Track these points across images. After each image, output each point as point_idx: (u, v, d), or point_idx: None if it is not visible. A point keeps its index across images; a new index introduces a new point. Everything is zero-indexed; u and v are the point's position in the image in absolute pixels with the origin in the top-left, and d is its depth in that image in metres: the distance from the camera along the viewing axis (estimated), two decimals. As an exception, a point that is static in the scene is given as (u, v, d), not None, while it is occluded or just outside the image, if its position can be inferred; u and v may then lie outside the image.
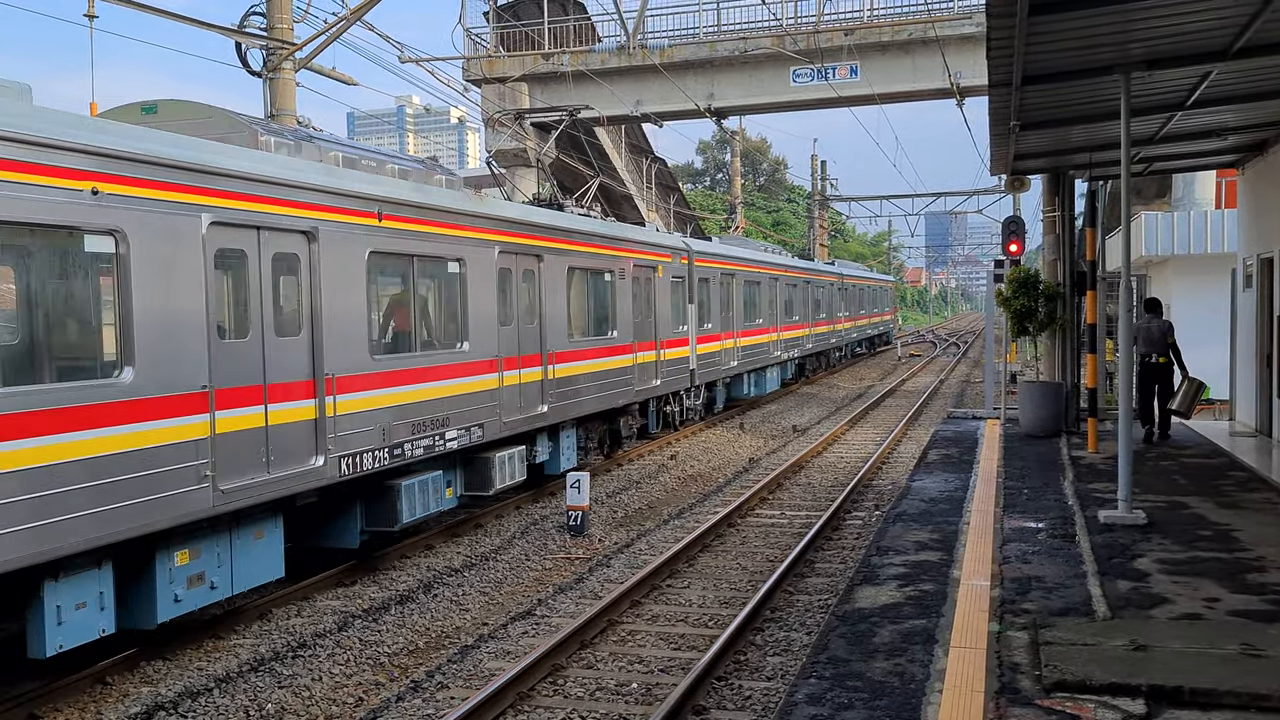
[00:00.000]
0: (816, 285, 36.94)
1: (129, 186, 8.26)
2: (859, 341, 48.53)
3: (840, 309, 41.48)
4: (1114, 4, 8.10)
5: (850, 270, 47.55)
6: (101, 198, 7.97)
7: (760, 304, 28.67)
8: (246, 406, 9.45)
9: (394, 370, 11.62)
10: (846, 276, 43.85)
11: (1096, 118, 12.31)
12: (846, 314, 43.13)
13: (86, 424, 7.79)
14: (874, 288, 53.80)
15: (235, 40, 17.01)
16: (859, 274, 49.46)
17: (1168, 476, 12.52)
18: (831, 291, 39.88)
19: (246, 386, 9.45)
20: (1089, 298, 14.83)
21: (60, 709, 8.13)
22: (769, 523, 14.51)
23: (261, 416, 9.61)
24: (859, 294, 47.58)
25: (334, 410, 10.50)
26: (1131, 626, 6.86)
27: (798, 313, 33.54)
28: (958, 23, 28.65)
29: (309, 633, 9.79)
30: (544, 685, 8.45)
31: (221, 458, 9.01)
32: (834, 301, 40.14)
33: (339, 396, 10.61)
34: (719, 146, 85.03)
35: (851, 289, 44.96)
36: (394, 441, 11.52)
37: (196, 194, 8.92)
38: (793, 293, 33.09)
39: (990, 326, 22.42)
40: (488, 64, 32.05)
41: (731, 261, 26.09)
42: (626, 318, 18.77)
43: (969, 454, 15.07)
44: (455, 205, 13.04)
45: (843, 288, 42.42)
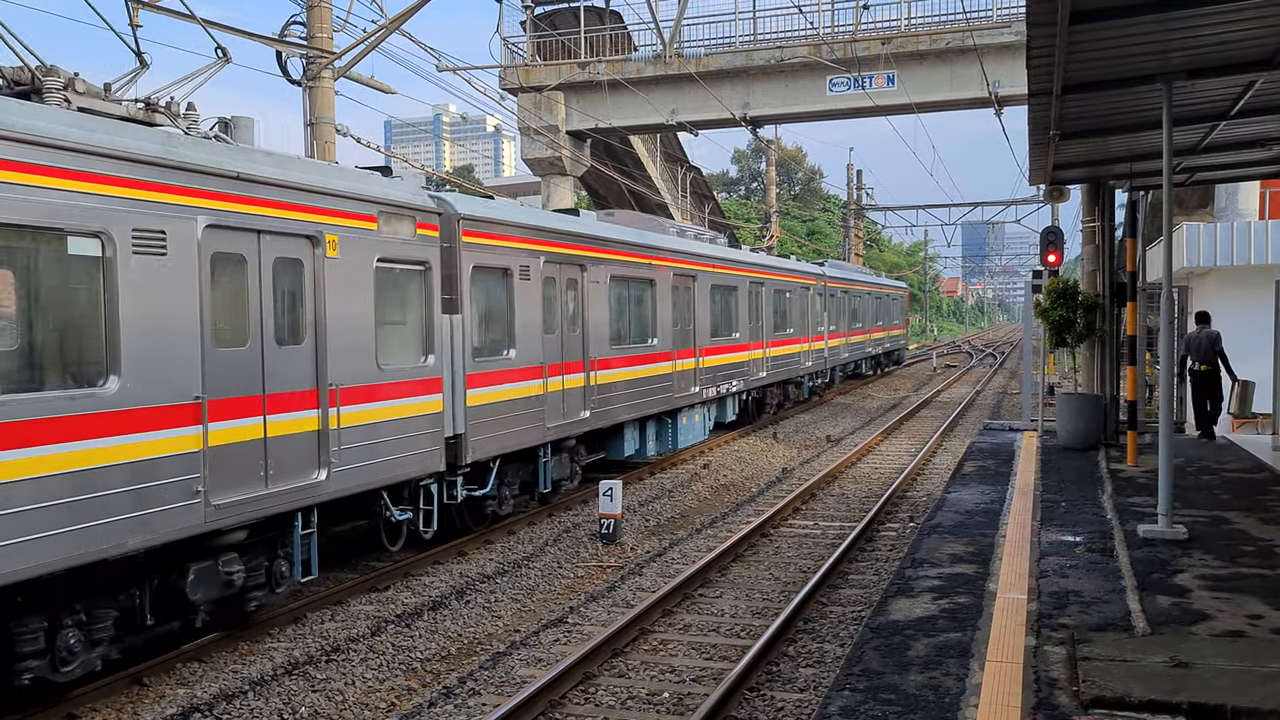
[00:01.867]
0: (774, 289, 26.71)
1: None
2: (854, 362, 38.96)
3: (818, 321, 31.63)
4: (1156, 13, 8.01)
5: (840, 271, 36.62)
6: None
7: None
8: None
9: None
10: (830, 279, 33.60)
11: (1137, 127, 12.17)
12: (834, 327, 33.78)
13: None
14: (877, 295, 43.05)
15: (276, 49, 17.21)
16: (853, 276, 38.69)
17: (1209, 491, 12.33)
18: (802, 299, 29.72)
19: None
20: (1129, 309, 14.64)
21: (98, 709, 8.23)
22: (802, 533, 14.43)
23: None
24: (855, 303, 37.74)
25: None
26: (1172, 643, 6.75)
27: (737, 328, 23.33)
28: (996, 31, 28.46)
29: (342, 637, 9.85)
30: (575, 693, 8.45)
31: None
32: (801, 311, 29.50)
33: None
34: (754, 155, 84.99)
35: (842, 296, 35.28)
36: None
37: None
38: (730, 299, 23.07)
39: (1028, 337, 22.18)
40: (524, 73, 32.21)
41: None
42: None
43: (1005, 466, 14.92)
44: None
45: (826, 294, 32.70)
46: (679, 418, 19.61)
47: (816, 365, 31.27)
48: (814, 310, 30.93)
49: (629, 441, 17.86)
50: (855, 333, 37.60)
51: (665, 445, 19.49)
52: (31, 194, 7.29)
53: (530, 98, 32.22)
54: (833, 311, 33.45)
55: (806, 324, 29.90)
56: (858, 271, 41.90)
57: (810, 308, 30.48)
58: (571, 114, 32.49)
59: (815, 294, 31.24)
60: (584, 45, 32.16)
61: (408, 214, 11.49)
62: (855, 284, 37.97)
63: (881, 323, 44.02)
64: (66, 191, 7.57)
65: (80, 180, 7.69)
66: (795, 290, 28.97)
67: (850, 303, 36.51)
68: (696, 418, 20.75)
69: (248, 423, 9.16)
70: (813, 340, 30.61)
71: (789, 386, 29.12)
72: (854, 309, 37.35)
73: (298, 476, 9.75)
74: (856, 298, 37.87)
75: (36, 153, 7.36)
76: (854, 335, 37.36)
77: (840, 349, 34.82)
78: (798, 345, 29.15)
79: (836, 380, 35.74)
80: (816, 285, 31.58)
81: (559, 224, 15.47)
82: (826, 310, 32.47)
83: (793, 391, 29.56)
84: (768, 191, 56.38)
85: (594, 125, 32.09)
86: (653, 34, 31.45)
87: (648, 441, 18.83)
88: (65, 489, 7.45)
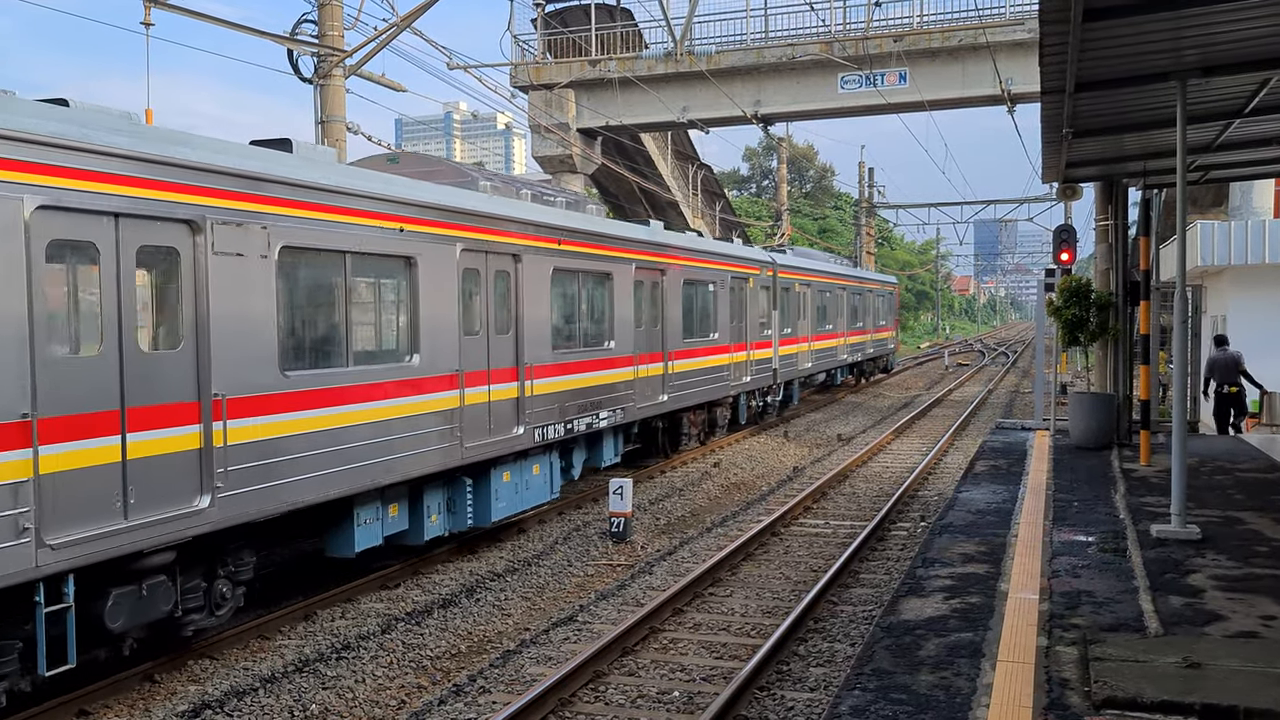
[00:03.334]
0: (685, 279, 19.54)
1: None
2: (827, 373, 32.97)
3: (764, 323, 24.64)
4: (1169, 10, 7.96)
5: (801, 261, 29.45)
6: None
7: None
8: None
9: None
10: (785, 269, 26.35)
11: (1151, 125, 12.10)
12: (790, 330, 26.73)
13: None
14: (856, 291, 35.60)
15: (287, 47, 17.24)
16: (819, 267, 31.22)
17: (1223, 491, 12.26)
18: (735, 294, 22.36)
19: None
20: (1142, 308, 14.57)
21: (110, 706, 8.26)
22: (813, 532, 14.41)
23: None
24: (823, 300, 30.75)
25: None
26: (1185, 644, 6.71)
27: (611, 336, 16.38)
28: (1009, 28, 28.35)
29: (353, 634, 9.86)
30: (585, 691, 8.44)
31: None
32: (734, 310, 22.31)
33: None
34: (766, 153, 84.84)
35: (802, 291, 28.17)
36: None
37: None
38: (599, 294, 16.30)
39: (1040, 336, 22.06)
40: (534, 70, 32.21)
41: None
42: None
43: (1017, 465, 14.86)
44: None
45: (778, 287, 25.69)
46: (492, 477, 12.93)
47: (760, 380, 24.03)
48: (757, 309, 23.88)
49: (365, 529, 10.91)
50: (824, 336, 30.68)
51: (459, 522, 12.55)
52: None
53: (541, 95, 32.23)
54: (790, 310, 26.57)
55: (743, 327, 22.71)
56: (826, 261, 34.46)
57: (749, 306, 23.18)
58: (582, 111, 32.48)
59: (760, 287, 24.12)
60: (595, 43, 32.15)
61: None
62: (823, 277, 30.70)
63: (862, 324, 36.52)
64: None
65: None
66: (722, 282, 21.29)
67: (816, 300, 29.64)
68: (535, 471, 14.11)
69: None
70: (754, 347, 23.35)
71: (717, 410, 21.95)
72: (822, 307, 30.37)
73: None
74: (825, 293, 30.81)
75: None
76: (822, 339, 30.31)
77: (800, 357, 27.77)
78: (725, 355, 21.44)
79: (795, 396, 28.84)
80: (761, 276, 24.24)
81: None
82: (779, 309, 25.49)
83: (722, 415, 22.28)
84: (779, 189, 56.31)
85: (605, 123, 32.08)
86: (664, 31, 31.43)
87: (426, 519, 11.84)
88: None
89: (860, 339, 36.33)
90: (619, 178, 36.47)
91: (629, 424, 17.35)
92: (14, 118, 7.12)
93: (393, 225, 10.89)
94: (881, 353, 40.44)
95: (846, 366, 35.41)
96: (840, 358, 33.24)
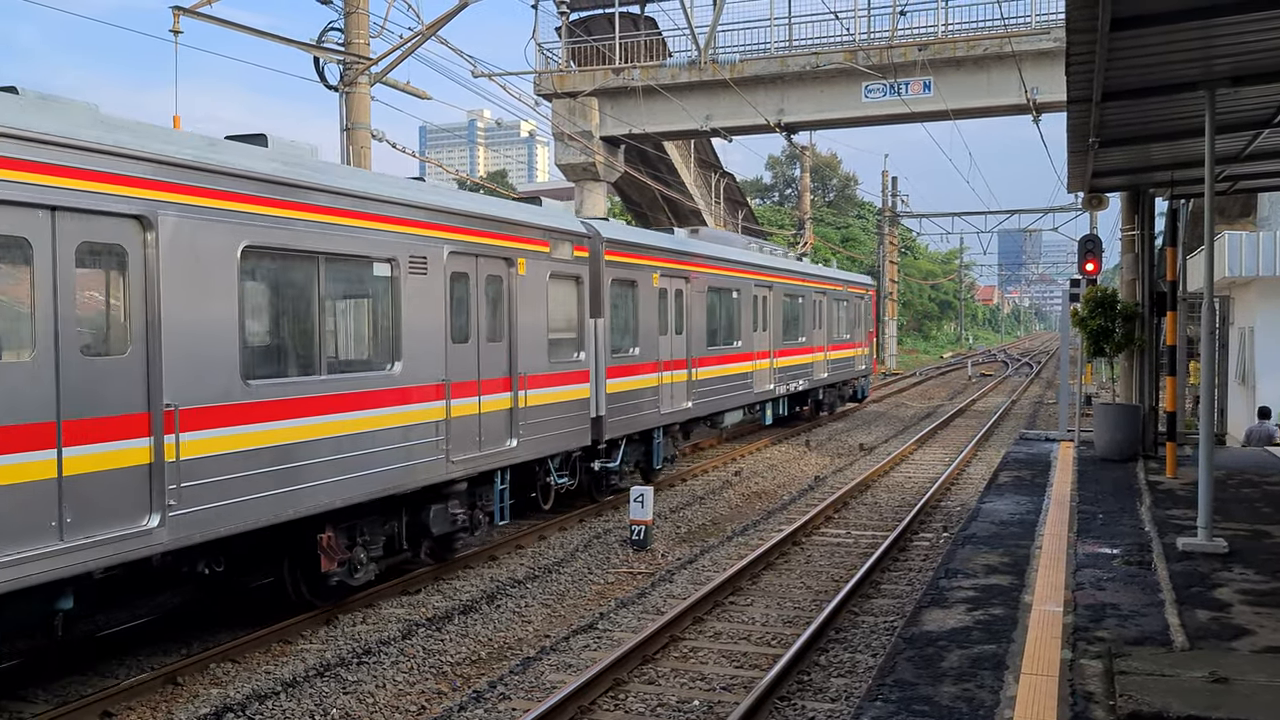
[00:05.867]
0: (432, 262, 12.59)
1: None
2: (747, 407, 22.64)
3: (592, 340, 15.27)
4: (1198, 19, 7.90)
5: (690, 244, 19.61)
6: None
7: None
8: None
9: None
10: (626, 249, 16.47)
11: (1179, 134, 12.02)
12: (645, 350, 16.96)
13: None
14: (801, 293, 25.79)
15: (314, 55, 17.38)
16: (729, 255, 21.37)
17: (1250, 505, 12.13)
18: (530, 286, 13.50)
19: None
20: (1169, 319, 14.46)
21: (133, 707, 8.31)
22: (834, 542, 14.35)
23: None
24: (741, 303, 21.58)
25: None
26: (1211, 658, 6.64)
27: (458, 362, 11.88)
28: (1035, 37, 28.24)
29: (374, 639, 9.89)
30: (605, 699, 8.43)
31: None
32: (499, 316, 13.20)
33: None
34: (789, 162, 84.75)
35: (694, 292, 19.00)
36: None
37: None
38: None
39: (1065, 347, 21.92)
40: (559, 79, 32.32)
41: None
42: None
43: (1041, 477, 14.75)
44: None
45: (627, 279, 16.41)
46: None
47: (574, 438, 14.58)
48: (581, 318, 14.92)
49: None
50: (731, 358, 20.92)
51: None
52: None
53: (565, 103, 32.34)
54: (639, 317, 16.78)
55: (574, 343, 14.73)
56: (740, 248, 23.11)
57: (510, 308, 13.10)
58: (606, 119, 32.57)
59: (550, 277, 13.92)
60: (619, 51, 32.24)
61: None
62: (722, 268, 20.54)
63: (807, 339, 26.18)
64: None
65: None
66: (496, 266, 12.77)
67: (708, 303, 19.83)
68: None
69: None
70: (537, 384, 13.53)
71: (480, 495, 12.70)
72: (727, 314, 21.00)
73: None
74: (731, 294, 21.07)
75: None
76: (724, 362, 20.53)
77: (670, 393, 17.85)
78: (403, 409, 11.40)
79: (658, 455, 17.76)
80: (553, 256, 13.99)
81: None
82: (606, 315, 15.60)
83: (485, 496, 12.81)
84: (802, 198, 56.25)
85: (628, 131, 32.15)
86: (688, 40, 31.47)
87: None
88: None
89: (812, 357, 26.57)
90: (642, 186, 36.53)
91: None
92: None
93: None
94: (847, 376, 30.31)
95: (794, 397, 25.75)
96: (765, 388, 22.89)
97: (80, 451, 7.35)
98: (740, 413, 22.40)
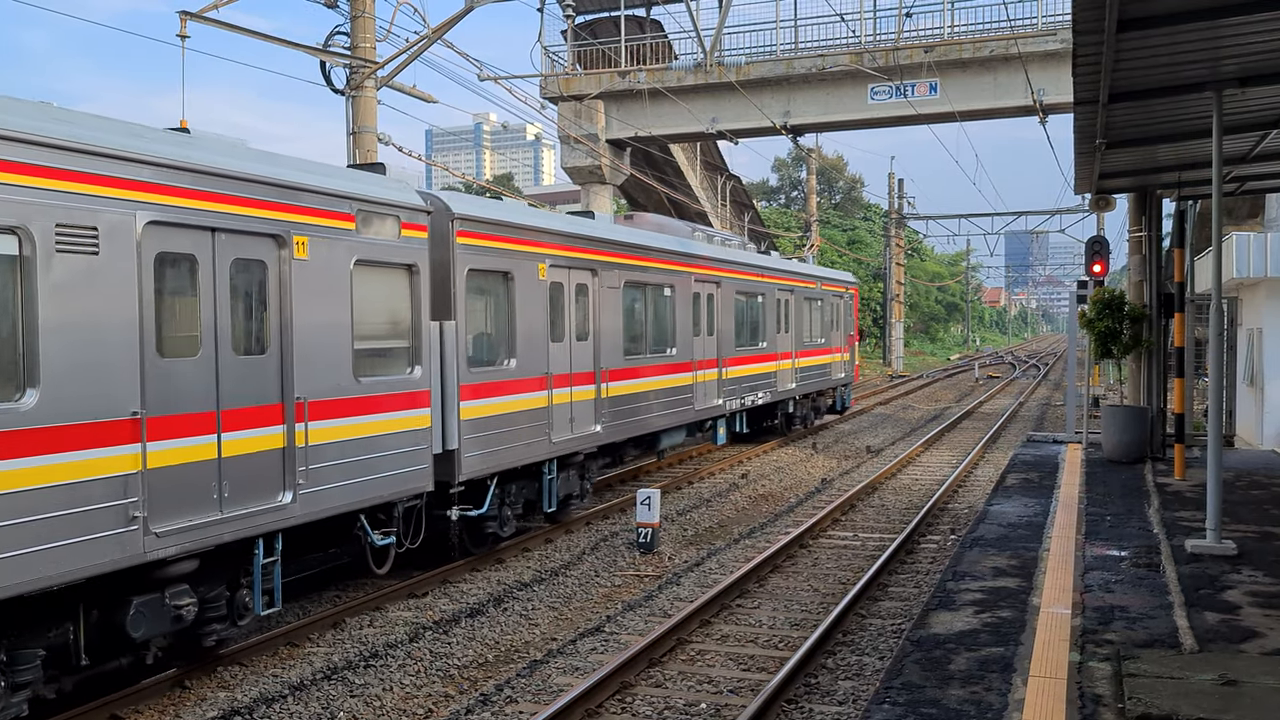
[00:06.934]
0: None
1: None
2: (707, 423, 19.89)
3: (442, 346, 11.66)
4: (1205, 20, 7.89)
5: (629, 233, 16.69)
6: None
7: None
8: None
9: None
10: (494, 229, 12.55)
11: (1186, 136, 11.99)
12: (523, 360, 13.07)
13: None
14: (766, 290, 22.58)
15: (320, 59, 17.42)
16: (650, 242, 17.17)
17: (1259, 506, 12.09)
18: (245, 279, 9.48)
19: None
20: (1177, 320, 14.43)
21: (141, 711, 8.32)
22: (841, 544, 14.33)
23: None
24: (675, 301, 17.95)
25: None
26: (1221, 660, 6.62)
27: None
28: (1041, 39, 28.19)
29: (381, 643, 9.90)
30: (612, 702, 8.42)
31: None
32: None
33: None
34: (795, 164, 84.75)
35: (588, 281, 14.84)
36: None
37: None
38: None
39: (1073, 348, 21.86)
40: (564, 82, 32.36)
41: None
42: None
43: (1049, 479, 14.72)
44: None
45: (501, 270, 12.73)
46: None
47: (402, 482, 10.82)
48: (417, 321, 11.23)
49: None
50: (663, 368, 17.29)
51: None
52: None
53: (570, 106, 32.36)
54: (556, 321, 13.95)
55: (403, 354, 11.12)
56: (686, 239, 19.30)
57: (400, 309, 11.09)
58: (611, 122, 32.59)
59: (421, 274, 11.18)
60: (624, 54, 32.27)
61: None
62: (644, 258, 16.71)
63: (769, 344, 22.74)
64: None
65: None
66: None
67: (647, 305, 16.96)
68: None
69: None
70: (386, 407, 10.63)
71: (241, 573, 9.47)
72: (663, 316, 17.59)
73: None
74: (666, 291, 17.62)
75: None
76: (651, 375, 16.86)
77: (564, 414, 14.00)
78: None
79: (554, 497, 14.01)
80: (380, 238, 10.55)
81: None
82: (458, 316, 11.88)
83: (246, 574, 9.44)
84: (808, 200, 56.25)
85: (634, 134, 32.17)
86: (693, 42, 31.51)
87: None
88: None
89: (768, 368, 22.72)
90: (648, 188, 36.53)
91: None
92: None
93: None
94: (822, 386, 27.09)
95: (739, 415, 21.47)
96: (710, 404, 19.39)
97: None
98: (681, 433, 18.89)
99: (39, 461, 7.02)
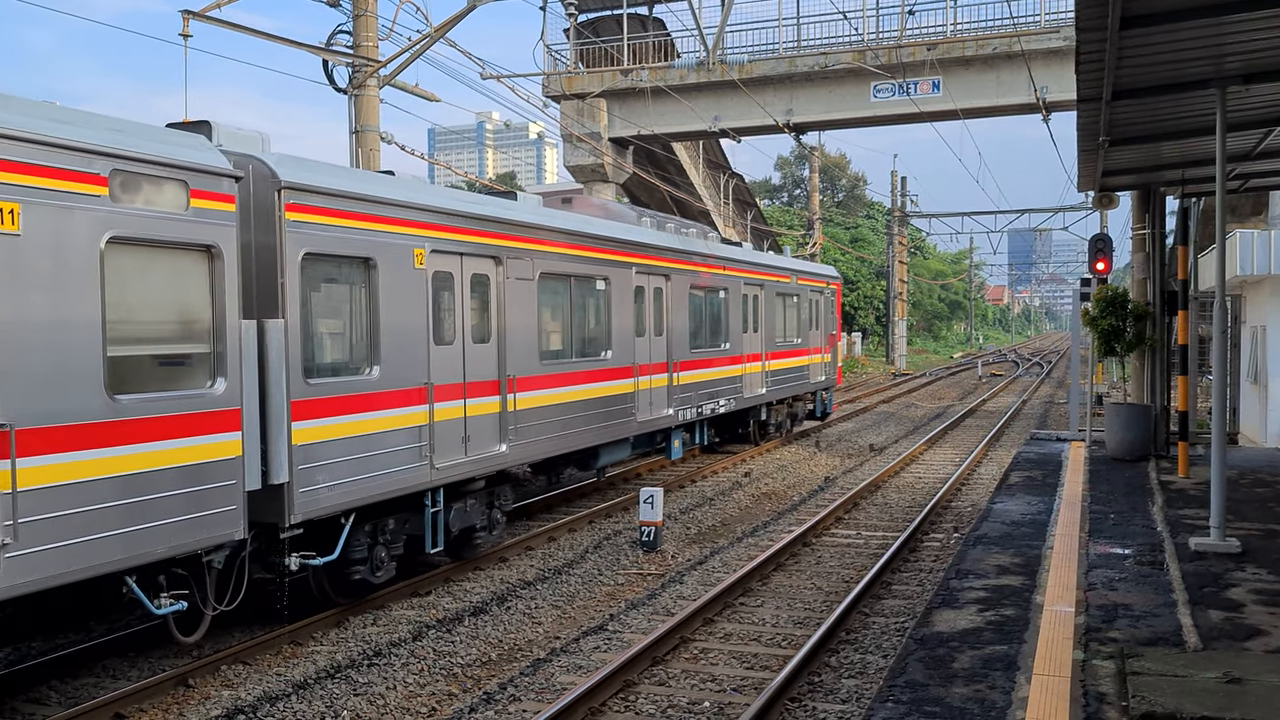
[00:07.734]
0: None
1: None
2: (658, 436, 17.80)
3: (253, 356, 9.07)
4: (1209, 17, 7.87)
5: (550, 215, 13.98)
6: None
7: None
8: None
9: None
10: (485, 226, 12.18)
11: (1190, 133, 11.97)
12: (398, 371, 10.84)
13: None
14: (730, 285, 20.08)
15: (322, 58, 17.42)
16: (560, 223, 14.05)
17: (1263, 504, 12.08)
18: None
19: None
20: (1180, 318, 14.41)
21: (145, 709, 8.33)
22: (844, 542, 14.32)
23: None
24: (600, 297, 15.25)
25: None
26: (1225, 659, 6.61)
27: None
28: (1044, 36, 28.17)
29: (384, 641, 9.90)
30: (615, 700, 8.42)
31: None
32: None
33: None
34: (797, 162, 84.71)
35: (492, 272, 12.43)
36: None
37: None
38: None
39: (1076, 346, 21.84)
40: (567, 80, 32.35)
41: None
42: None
43: (1053, 477, 14.71)
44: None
45: (360, 256, 10.31)
46: None
47: (189, 531, 8.26)
48: (221, 320, 8.65)
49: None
50: (594, 375, 14.93)
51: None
52: None
53: (573, 105, 32.36)
54: (439, 320, 11.57)
55: (197, 363, 8.51)
56: (630, 226, 16.79)
57: (194, 304, 8.59)
58: (614, 121, 32.59)
59: (225, 260, 8.62)
60: (627, 52, 32.25)
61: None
62: (606, 250, 15.33)
63: (732, 345, 20.18)
64: None
65: None
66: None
67: (576, 299, 14.67)
68: None
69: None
70: (162, 433, 8.05)
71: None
72: (600, 313, 15.45)
73: None
74: (597, 284, 15.27)
75: None
76: (581, 380, 14.56)
77: (457, 431, 11.74)
78: None
79: (439, 535, 11.63)
80: (209, 218, 8.43)
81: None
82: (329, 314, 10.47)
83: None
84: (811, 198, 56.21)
85: (636, 132, 32.16)
86: (696, 41, 31.48)
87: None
88: None
89: (732, 372, 20.22)
90: (650, 187, 36.53)
91: None
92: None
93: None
94: (799, 391, 24.47)
95: (697, 425, 19.27)
96: (659, 414, 16.98)
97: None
98: (625, 448, 16.34)
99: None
